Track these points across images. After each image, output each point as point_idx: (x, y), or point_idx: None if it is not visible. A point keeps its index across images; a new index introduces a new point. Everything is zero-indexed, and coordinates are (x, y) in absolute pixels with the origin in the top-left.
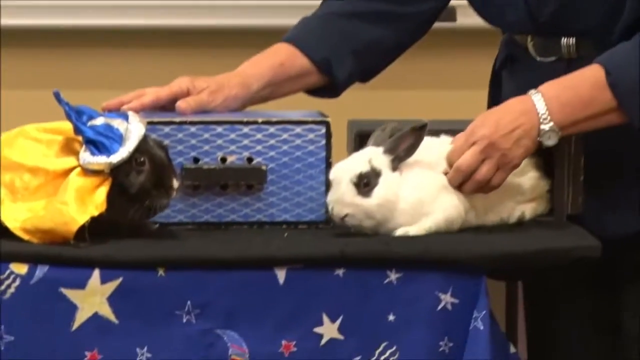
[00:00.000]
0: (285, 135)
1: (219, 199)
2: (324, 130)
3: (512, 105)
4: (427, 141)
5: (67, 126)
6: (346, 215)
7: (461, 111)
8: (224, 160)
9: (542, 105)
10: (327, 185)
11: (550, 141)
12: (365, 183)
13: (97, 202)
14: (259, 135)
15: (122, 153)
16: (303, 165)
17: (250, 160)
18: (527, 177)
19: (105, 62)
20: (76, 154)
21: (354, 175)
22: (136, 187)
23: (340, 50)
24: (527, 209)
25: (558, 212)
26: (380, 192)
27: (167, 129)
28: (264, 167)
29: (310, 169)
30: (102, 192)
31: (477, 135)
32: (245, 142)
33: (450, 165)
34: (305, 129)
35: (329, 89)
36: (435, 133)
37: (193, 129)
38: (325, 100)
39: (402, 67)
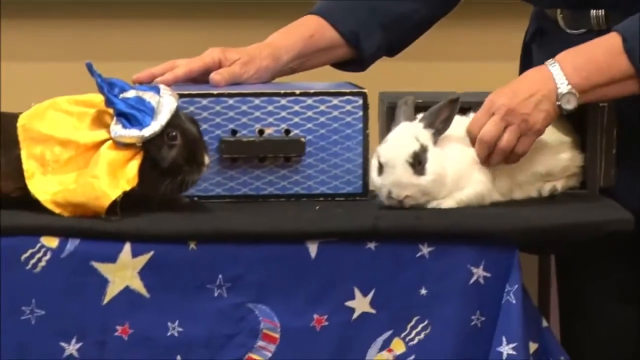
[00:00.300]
0: (322, 107)
1: (257, 172)
2: (361, 102)
3: (529, 74)
4: (455, 118)
5: (97, 99)
6: (406, 197)
7: (492, 83)
8: (261, 132)
9: (559, 71)
10: (365, 158)
11: (569, 105)
12: (419, 161)
13: (128, 176)
14: (296, 107)
15: (154, 126)
16: (340, 137)
17: (287, 132)
18: (560, 159)
19: (111, 33)
20: (107, 126)
21: (408, 156)
22: (168, 162)
23: (369, 24)
24: (559, 183)
25: (591, 185)
26: (432, 168)
27: (204, 102)
28: (302, 139)
29: (347, 141)
30: (134, 166)
31: (495, 105)
32: (283, 114)
33: (471, 138)
34: (343, 101)
35: (356, 62)
36: (466, 105)
37: (231, 101)
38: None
39: (431, 38)
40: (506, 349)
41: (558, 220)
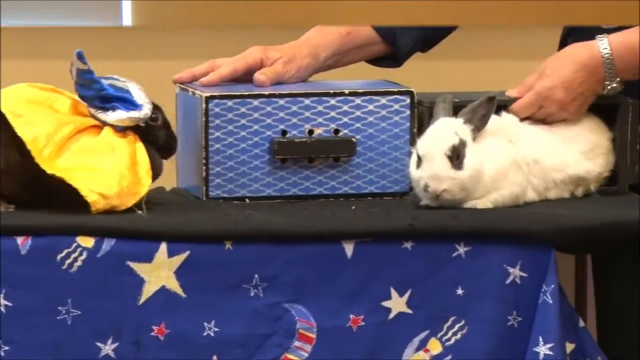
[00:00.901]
0: (370, 107)
1: (307, 172)
2: (408, 101)
3: (586, 67)
4: (493, 117)
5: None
6: (443, 191)
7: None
8: (310, 132)
9: (612, 68)
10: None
11: (611, 92)
12: (458, 155)
13: (145, 166)
14: (345, 107)
15: (147, 106)
16: (388, 136)
17: (336, 132)
18: (596, 164)
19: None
20: (84, 114)
21: (447, 149)
22: (163, 139)
23: None
24: (593, 186)
25: (622, 182)
26: (470, 163)
27: (256, 102)
28: (354, 139)
29: (395, 140)
30: (143, 153)
31: (549, 100)
32: (332, 114)
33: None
34: (390, 100)
35: (392, 58)
36: (501, 103)
37: (282, 101)
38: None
39: (461, 37)
40: (543, 349)
41: (594, 219)
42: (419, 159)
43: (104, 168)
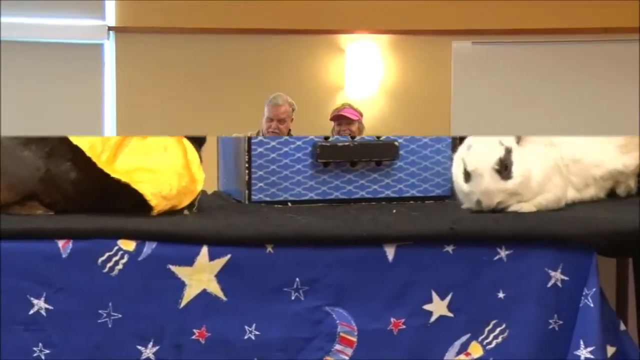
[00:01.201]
0: None
1: (349, 176)
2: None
3: None
4: None
5: None
6: (497, 204)
7: None
8: (352, 136)
9: None
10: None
11: None
12: (505, 166)
13: (196, 161)
14: None
15: None
16: (430, 139)
17: (379, 135)
18: (630, 157)
19: None
20: None
21: (494, 163)
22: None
23: None
24: (632, 182)
25: None
26: (518, 170)
27: None
28: (396, 143)
29: (437, 144)
30: (193, 151)
31: None
32: None
33: None
34: None
35: None
36: None
37: None
38: None
39: None
40: (584, 352)
41: (632, 222)
42: (467, 173)
43: (162, 168)
